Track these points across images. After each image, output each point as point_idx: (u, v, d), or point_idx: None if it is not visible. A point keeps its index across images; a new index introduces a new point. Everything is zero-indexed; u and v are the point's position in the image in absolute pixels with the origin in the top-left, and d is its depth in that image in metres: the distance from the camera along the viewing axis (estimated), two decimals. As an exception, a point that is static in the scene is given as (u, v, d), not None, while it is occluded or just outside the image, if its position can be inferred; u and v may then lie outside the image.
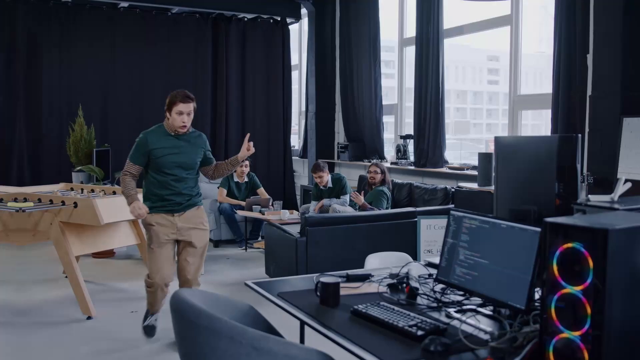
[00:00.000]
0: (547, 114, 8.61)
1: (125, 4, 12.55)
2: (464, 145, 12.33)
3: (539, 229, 2.91)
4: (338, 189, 10.23)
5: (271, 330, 3.57)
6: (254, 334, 2.82)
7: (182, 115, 5.79)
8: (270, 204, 10.67)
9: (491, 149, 9.36)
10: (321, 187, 10.34)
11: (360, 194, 9.64)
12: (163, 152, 5.79)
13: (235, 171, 11.18)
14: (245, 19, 13.85)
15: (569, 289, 2.30)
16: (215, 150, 13.45)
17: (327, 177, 10.28)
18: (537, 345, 2.47)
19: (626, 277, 2.25)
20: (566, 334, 2.31)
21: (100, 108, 12.60)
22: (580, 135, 3.48)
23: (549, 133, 8.08)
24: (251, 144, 6.04)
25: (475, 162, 9.16)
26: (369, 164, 10.51)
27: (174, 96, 5.78)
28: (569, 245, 2.30)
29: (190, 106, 5.87)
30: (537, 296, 3.02)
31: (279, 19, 14.11)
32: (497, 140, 4.00)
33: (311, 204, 10.62)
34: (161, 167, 5.80)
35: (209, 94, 13.55)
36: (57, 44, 12.21)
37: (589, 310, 2.24)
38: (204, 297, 3.40)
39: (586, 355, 2.24)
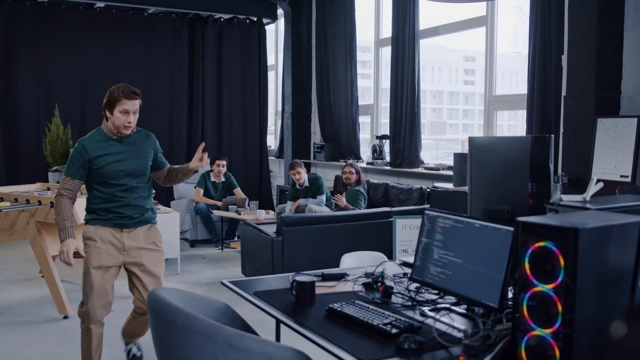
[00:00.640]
0: (523, 115, 8.67)
1: (102, 4, 12.50)
2: (440, 145, 12.39)
3: (512, 228, 2.95)
4: (315, 188, 10.24)
5: (247, 328, 3.58)
6: (230, 332, 2.83)
7: (127, 115, 4.81)
8: (247, 204, 10.68)
9: (467, 149, 9.42)
10: (297, 185, 10.35)
11: (342, 195, 9.67)
12: (106, 160, 4.84)
13: (212, 171, 11.20)
14: (222, 19, 13.83)
15: (541, 287, 2.33)
16: (191, 151, 13.43)
17: (304, 175, 10.30)
18: (510, 342, 2.50)
19: (596, 276, 2.29)
20: (538, 332, 2.34)
21: (77, 108, 12.52)
22: (553, 135, 3.51)
23: (524, 133, 8.13)
24: (205, 154, 5.14)
25: (451, 163, 9.21)
26: (344, 164, 10.53)
27: (117, 92, 4.82)
28: (541, 244, 2.33)
29: (137, 103, 4.89)
30: (510, 295, 3.06)
31: (255, 19, 14.10)
32: (471, 141, 4.03)
33: (287, 204, 10.64)
34: (106, 178, 4.87)
35: (185, 93, 13.51)
36: (33, 43, 12.12)
37: (560, 308, 2.27)
38: (180, 296, 3.40)
39: (557, 352, 2.27)
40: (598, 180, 3.38)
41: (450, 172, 9.10)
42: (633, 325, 1.68)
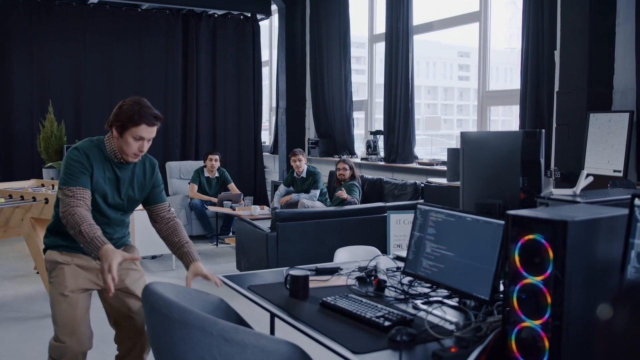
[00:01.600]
0: (516, 110, 8.71)
1: (95, 0, 12.51)
2: (435, 141, 12.44)
3: (502, 222, 2.98)
4: (310, 181, 10.30)
5: (241, 322, 3.60)
6: (225, 325, 2.86)
7: (141, 142, 3.90)
8: (242, 199, 10.71)
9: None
10: (296, 174, 10.53)
11: (342, 190, 9.70)
12: (98, 186, 3.95)
13: (205, 166, 11.22)
14: (216, 15, 13.83)
15: (530, 280, 2.36)
16: (186, 147, 13.47)
17: (304, 165, 10.43)
18: (500, 334, 2.53)
19: (585, 268, 2.32)
20: (527, 323, 2.37)
21: (71, 104, 12.52)
22: (544, 130, 3.55)
23: (518, 129, 8.16)
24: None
25: (445, 158, 9.24)
26: (338, 160, 10.57)
27: (135, 115, 3.84)
28: (530, 236, 2.36)
29: (155, 130, 3.97)
30: (501, 287, 3.09)
31: (249, 15, 14.09)
32: (463, 136, 4.07)
33: (280, 186, 10.73)
34: (94, 204, 3.93)
35: (180, 90, 13.50)
36: (27, 40, 12.11)
37: (549, 299, 2.30)
38: (175, 290, 3.43)
39: (546, 343, 2.30)
40: (588, 175, 3.42)
41: (444, 168, 9.13)
42: (619, 310, 1.71)
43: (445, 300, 3.31)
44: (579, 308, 2.30)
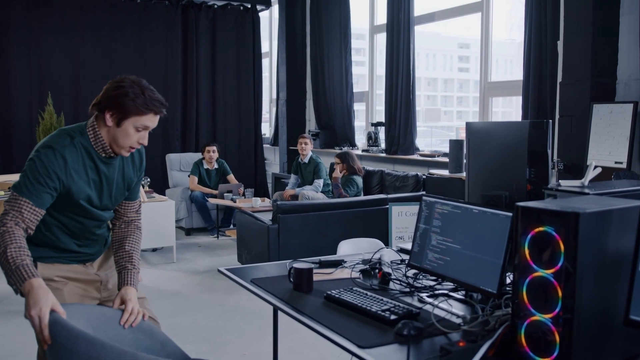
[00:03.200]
0: (517, 101, 8.67)
1: (94, -9, 12.48)
2: (435, 132, 12.41)
3: (510, 214, 2.94)
4: (312, 169, 10.33)
5: (166, 344, 3.16)
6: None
7: (144, 133, 3.25)
8: (241, 189, 10.70)
9: (462, 136, 9.41)
10: (300, 159, 10.65)
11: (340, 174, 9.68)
12: (80, 187, 3.21)
13: (204, 158, 11.20)
14: (215, 6, 13.77)
15: (541, 272, 2.32)
16: (186, 139, 13.43)
17: (309, 150, 10.52)
18: (509, 328, 2.49)
19: (596, 261, 2.27)
20: (537, 317, 2.33)
21: (70, 96, 12.47)
22: (551, 121, 3.52)
23: (519, 120, 8.13)
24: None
25: (446, 149, 9.21)
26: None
27: (140, 99, 3.16)
28: (541, 229, 2.31)
29: (158, 118, 3.32)
30: (508, 281, 3.05)
31: (249, 6, 14.04)
32: (469, 126, 4.03)
33: (291, 176, 10.92)
34: (74, 209, 3.26)
35: (179, 81, 13.45)
36: (26, 31, 12.05)
37: (560, 293, 2.25)
38: (87, 314, 2.98)
39: (557, 337, 2.27)
40: (596, 166, 3.38)
41: (446, 159, 9.09)
42: None
43: (451, 294, 3.28)
44: (590, 301, 2.26)
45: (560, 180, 3.52)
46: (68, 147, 3.14)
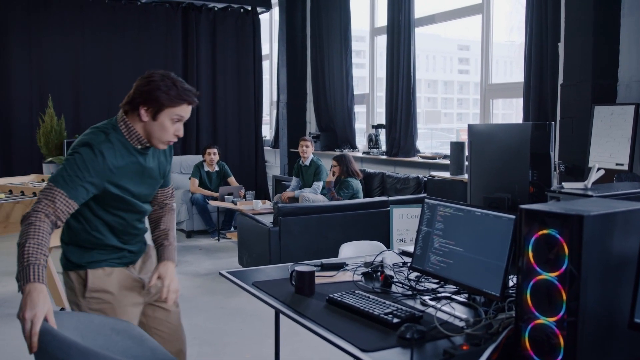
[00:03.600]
0: (517, 103, 8.66)
1: (94, -7, 12.49)
2: (435, 134, 12.40)
3: (513, 216, 2.92)
4: (312, 171, 10.33)
5: (156, 351, 3.14)
6: None
7: (179, 124, 3.33)
8: (243, 194, 10.68)
9: (462, 138, 9.41)
10: (301, 162, 10.64)
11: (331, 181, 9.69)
12: (124, 180, 3.26)
13: (205, 160, 11.19)
14: (216, 9, 13.77)
15: (545, 275, 2.31)
16: (187, 142, 13.41)
17: (310, 152, 10.51)
18: (513, 331, 2.48)
19: (601, 263, 2.27)
20: (541, 320, 2.32)
21: (71, 98, 12.48)
22: (553, 122, 3.51)
23: (520, 122, 8.12)
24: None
25: (447, 152, 9.20)
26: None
27: (173, 90, 3.27)
28: (545, 231, 2.30)
29: (190, 109, 3.43)
30: (511, 283, 3.04)
31: (249, 8, 14.04)
32: (471, 128, 4.02)
33: (292, 179, 10.92)
34: (116, 203, 3.29)
35: (180, 84, 13.44)
36: (25, 34, 12.07)
37: (564, 296, 2.24)
38: (76, 321, 2.95)
39: (561, 340, 2.26)
40: (599, 168, 3.37)
41: (447, 161, 9.08)
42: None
43: (454, 296, 3.27)
44: (594, 304, 2.25)
45: (563, 183, 3.51)
46: (104, 142, 3.16)
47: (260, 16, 14.45)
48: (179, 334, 3.65)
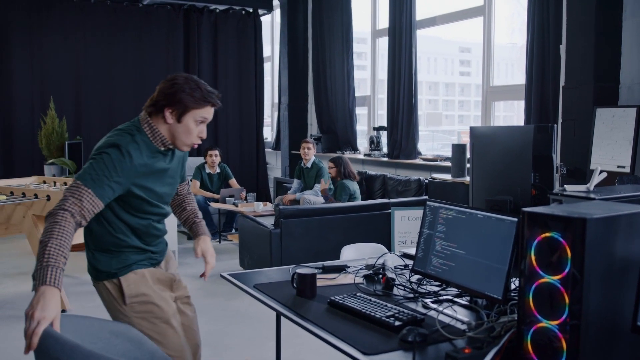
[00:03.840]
0: (518, 105, 8.65)
1: (96, -5, 12.49)
2: (436, 136, 12.38)
3: (515, 219, 2.92)
4: (314, 173, 10.30)
5: (155, 354, 3.18)
6: None
7: (203, 126, 3.36)
8: (242, 193, 10.68)
9: (463, 140, 9.40)
10: (302, 164, 10.58)
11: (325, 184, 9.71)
12: (148, 181, 3.31)
13: (206, 162, 11.18)
14: (217, 11, 13.78)
15: (547, 279, 2.30)
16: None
17: (312, 154, 10.44)
18: (515, 334, 2.47)
19: (604, 267, 2.26)
20: (544, 323, 2.32)
21: (72, 100, 12.49)
22: (556, 125, 3.50)
23: (521, 124, 8.11)
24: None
25: (448, 154, 9.20)
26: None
27: (198, 92, 3.29)
28: (547, 234, 2.30)
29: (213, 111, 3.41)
30: (513, 286, 3.03)
31: (250, 10, 14.05)
32: (473, 131, 4.01)
33: (294, 181, 10.84)
34: (139, 204, 3.33)
35: (181, 86, 13.45)
36: (27, 35, 12.07)
37: (567, 299, 2.24)
38: (74, 324, 2.94)
39: (564, 344, 2.25)
40: (602, 171, 3.36)
41: (448, 163, 9.07)
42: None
43: (456, 299, 3.26)
44: (597, 308, 2.25)
45: (565, 185, 3.50)
46: (131, 143, 3.20)
47: (262, 18, 14.45)
48: (197, 337, 3.80)
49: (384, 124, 11.10)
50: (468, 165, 8.18)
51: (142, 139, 3.26)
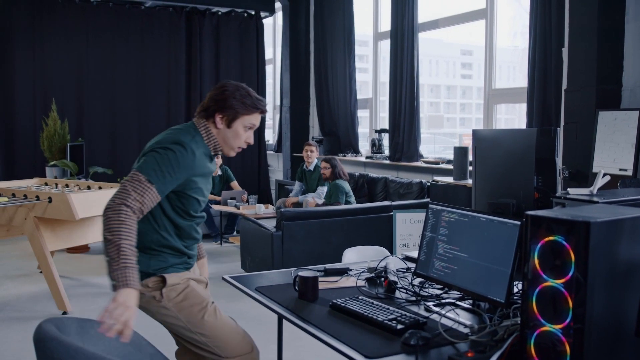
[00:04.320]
0: (520, 108, 8.64)
1: (98, -3, 12.50)
2: (438, 139, 12.37)
3: (518, 222, 2.91)
4: (316, 176, 10.33)
5: (155, 357, 3.20)
6: None
7: (250, 132, 3.51)
8: (246, 198, 10.67)
9: (465, 143, 9.39)
10: (305, 166, 10.61)
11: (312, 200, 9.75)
12: (201, 182, 3.41)
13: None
14: (219, 13, 13.78)
15: (551, 282, 2.29)
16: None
17: (314, 157, 10.51)
18: (518, 338, 2.46)
19: (607, 270, 2.25)
20: (547, 327, 2.31)
21: (74, 102, 12.50)
22: (559, 128, 3.50)
23: (523, 127, 8.10)
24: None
25: (450, 156, 9.18)
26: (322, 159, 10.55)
27: (248, 99, 3.44)
28: (551, 238, 2.29)
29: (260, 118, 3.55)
30: (515, 290, 3.02)
31: (253, 12, 14.06)
32: (475, 134, 4.00)
33: (295, 183, 10.81)
34: (193, 206, 3.42)
35: (183, 87, 13.47)
36: (29, 37, 12.08)
37: (570, 303, 2.23)
38: (75, 326, 2.96)
39: (567, 348, 2.24)
40: (605, 174, 3.35)
41: (450, 166, 9.06)
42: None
43: (458, 303, 3.25)
44: (601, 312, 2.24)
45: (568, 189, 3.49)
46: (192, 142, 3.32)
47: (264, 20, 14.46)
48: None
49: (386, 126, 11.08)
50: (470, 168, 8.18)
51: (199, 140, 3.38)
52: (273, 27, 15.58)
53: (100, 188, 7.87)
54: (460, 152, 8.36)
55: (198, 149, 3.33)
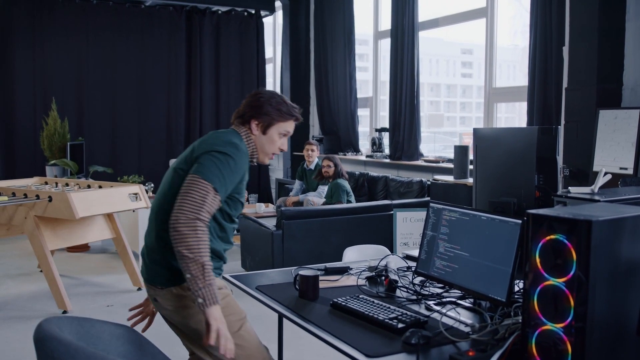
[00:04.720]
0: (520, 107, 8.62)
1: (98, -4, 12.49)
2: (438, 138, 12.36)
3: (519, 221, 2.91)
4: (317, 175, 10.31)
5: (156, 356, 3.18)
6: None
7: (284, 139, 3.55)
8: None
9: (465, 141, 9.38)
10: (305, 165, 10.55)
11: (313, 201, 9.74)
12: (243, 186, 3.43)
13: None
14: (219, 12, 13.77)
15: (552, 281, 2.28)
16: (190, 144, 13.35)
17: (315, 156, 10.42)
18: (519, 337, 2.45)
19: (609, 269, 2.24)
20: (549, 326, 2.30)
21: (74, 101, 12.49)
22: (560, 126, 3.50)
23: (523, 125, 8.10)
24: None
25: (450, 155, 9.17)
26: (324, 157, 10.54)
27: (284, 106, 3.51)
28: (552, 237, 2.28)
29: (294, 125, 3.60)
30: (516, 288, 3.02)
31: (253, 11, 14.05)
32: (476, 132, 4.00)
33: (295, 182, 10.74)
34: (237, 209, 3.44)
35: (183, 87, 13.47)
36: (29, 37, 12.07)
37: (572, 302, 2.22)
38: (76, 326, 2.93)
39: (569, 347, 2.23)
40: (606, 173, 3.34)
41: (450, 165, 9.05)
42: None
43: (459, 301, 3.24)
44: (603, 310, 2.23)
45: (570, 187, 3.49)
46: (242, 144, 3.36)
47: (264, 19, 14.46)
48: None
49: (386, 125, 11.07)
50: (470, 166, 8.17)
51: (244, 146, 3.37)
52: (273, 26, 15.56)
53: (100, 187, 7.86)
54: (461, 150, 8.35)
55: (244, 152, 3.32)
